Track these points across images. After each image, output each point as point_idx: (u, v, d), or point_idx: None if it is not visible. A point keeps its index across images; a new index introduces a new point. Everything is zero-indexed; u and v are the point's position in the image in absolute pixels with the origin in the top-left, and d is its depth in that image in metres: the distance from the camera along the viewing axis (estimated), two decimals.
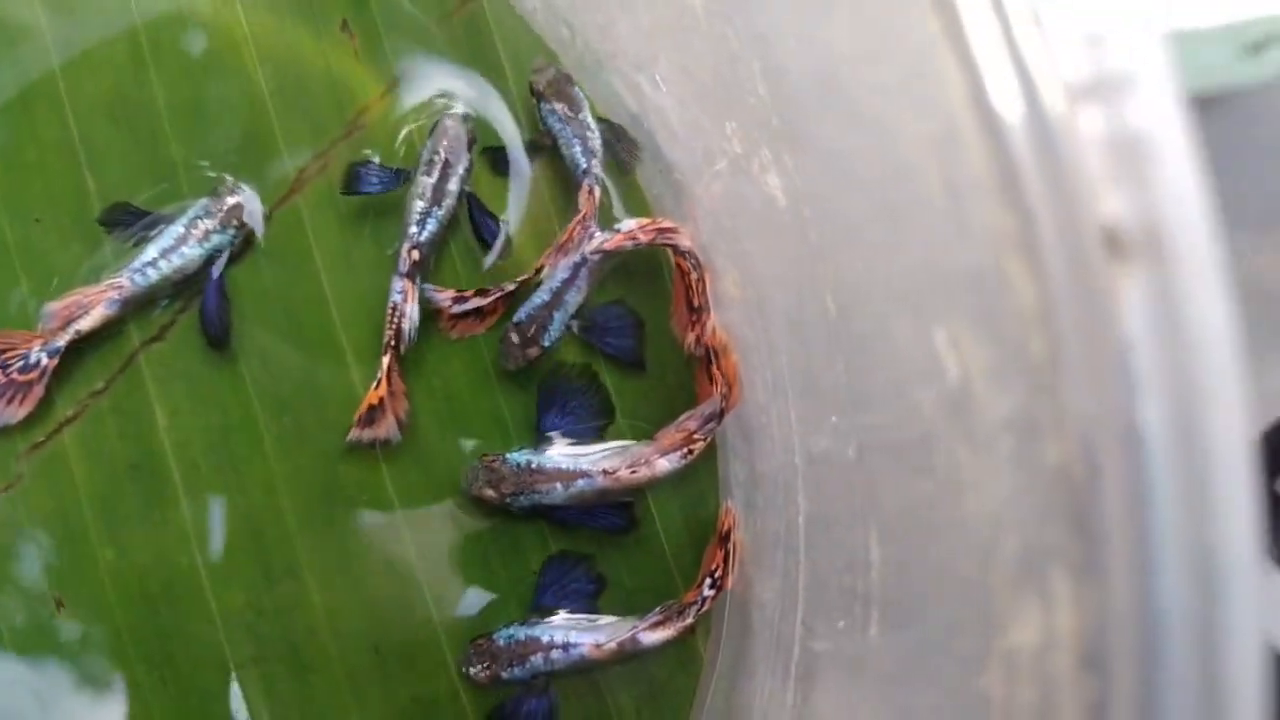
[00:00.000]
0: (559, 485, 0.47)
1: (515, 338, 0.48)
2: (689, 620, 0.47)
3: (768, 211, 0.39)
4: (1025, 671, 0.27)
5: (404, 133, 0.50)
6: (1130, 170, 0.23)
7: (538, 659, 0.46)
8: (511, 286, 0.48)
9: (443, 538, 0.49)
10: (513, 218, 0.50)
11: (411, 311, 0.48)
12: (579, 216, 0.47)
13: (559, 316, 0.49)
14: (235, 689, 0.48)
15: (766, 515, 0.49)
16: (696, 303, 0.48)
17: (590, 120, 0.49)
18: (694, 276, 0.48)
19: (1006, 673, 0.28)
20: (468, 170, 0.49)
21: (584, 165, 0.48)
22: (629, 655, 0.47)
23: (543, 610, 0.48)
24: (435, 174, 0.48)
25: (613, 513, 0.49)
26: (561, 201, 0.50)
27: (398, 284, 0.47)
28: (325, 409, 0.49)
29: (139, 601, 0.48)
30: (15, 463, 0.48)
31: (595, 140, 0.48)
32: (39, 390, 0.47)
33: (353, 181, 0.48)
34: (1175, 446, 0.23)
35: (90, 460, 0.48)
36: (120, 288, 0.47)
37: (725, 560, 0.48)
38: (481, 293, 0.47)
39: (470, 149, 0.49)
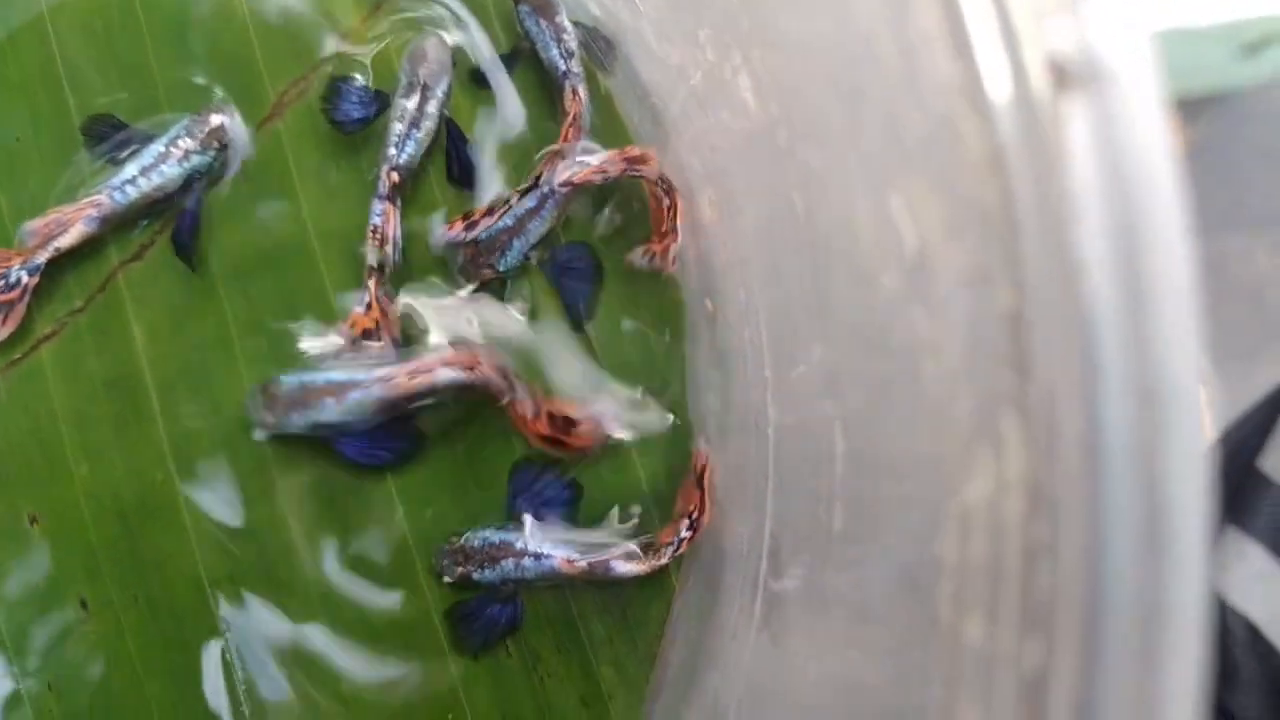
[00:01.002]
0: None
1: (467, 255, 0.49)
2: (664, 560, 0.47)
3: (739, 119, 0.39)
4: (978, 525, 0.27)
5: (383, 52, 0.50)
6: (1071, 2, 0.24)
7: (508, 564, 0.46)
8: (516, 196, 0.48)
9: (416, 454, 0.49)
10: (490, 142, 0.50)
11: (394, 234, 0.48)
12: (569, 118, 0.48)
13: (519, 244, 0.49)
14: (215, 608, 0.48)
15: (741, 442, 0.49)
16: (664, 228, 0.49)
17: (566, 24, 0.49)
18: (665, 203, 0.48)
19: (960, 532, 0.28)
20: (447, 93, 0.49)
21: (563, 67, 0.49)
22: (600, 579, 0.47)
23: (517, 518, 0.48)
24: (415, 97, 0.48)
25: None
26: (543, 122, 0.50)
27: (377, 207, 0.48)
28: (301, 332, 0.49)
29: (113, 519, 0.48)
30: None
31: (572, 41, 0.49)
32: (21, 309, 0.48)
33: (332, 97, 0.48)
34: (1116, 278, 0.24)
35: (67, 378, 0.48)
36: (99, 205, 0.47)
37: (701, 501, 0.48)
38: (489, 211, 0.48)
39: (449, 71, 0.49)
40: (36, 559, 0.48)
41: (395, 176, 0.48)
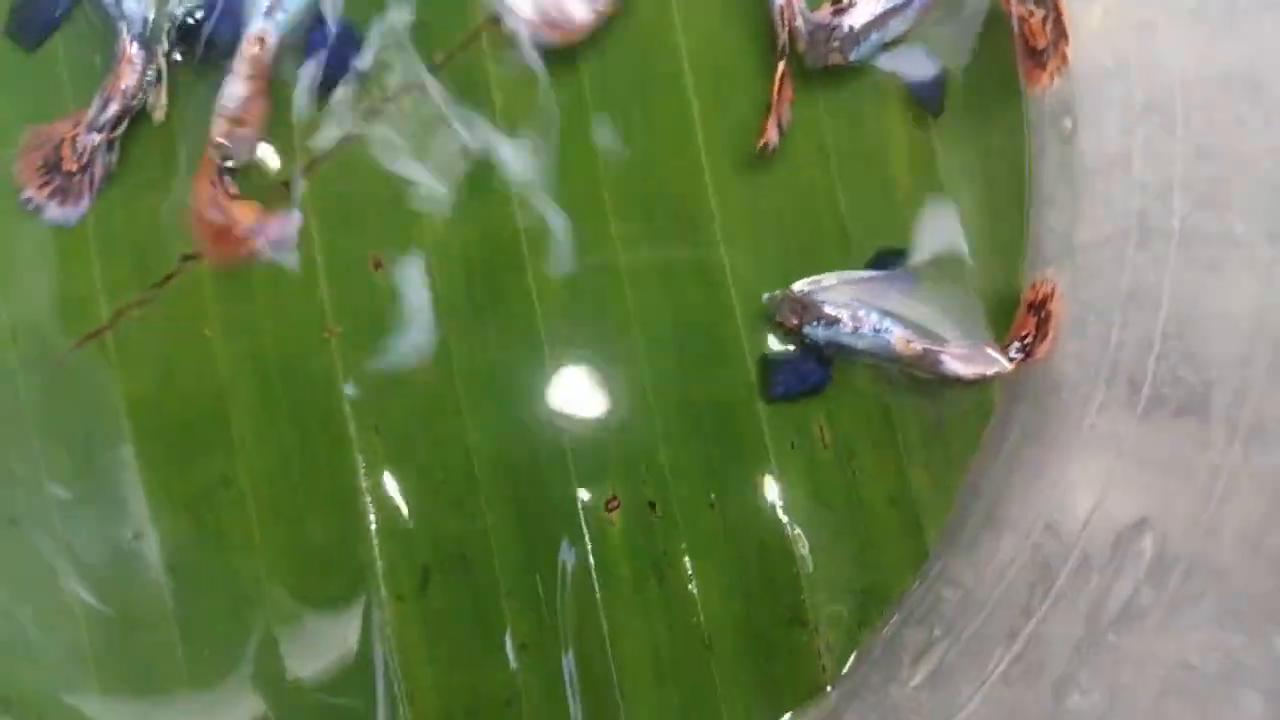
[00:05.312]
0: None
1: (823, 37, 0.48)
2: (989, 371, 0.48)
3: None
4: None
5: None
6: None
7: (845, 328, 0.47)
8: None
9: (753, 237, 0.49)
10: None
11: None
12: None
13: (876, 37, 0.48)
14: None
15: (1084, 281, 0.49)
16: (1042, 43, 0.48)
17: None
18: (1038, 15, 0.48)
19: None
20: None
21: None
22: (926, 371, 0.48)
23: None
24: None
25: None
26: None
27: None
28: None
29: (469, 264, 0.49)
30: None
31: None
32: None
33: None
34: None
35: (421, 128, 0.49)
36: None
37: (1037, 328, 0.48)
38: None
39: None
40: (376, 300, 0.49)
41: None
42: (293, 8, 0.47)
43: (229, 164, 0.47)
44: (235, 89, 0.46)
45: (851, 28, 0.48)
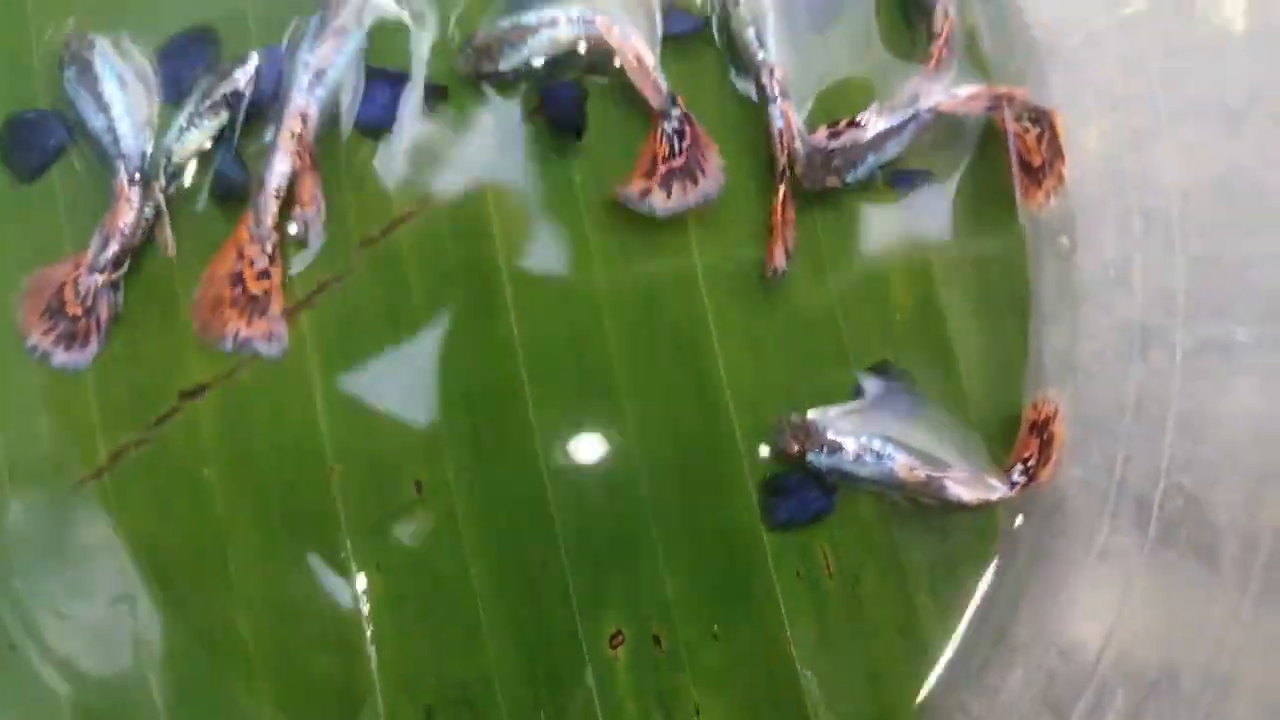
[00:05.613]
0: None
1: (820, 160, 0.48)
2: (992, 497, 0.47)
3: (1201, 42, 0.39)
4: None
5: None
6: None
7: (848, 455, 0.47)
8: (881, 113, 0.48)
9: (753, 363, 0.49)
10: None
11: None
12: (940, 40, 0.48)
13: (872, 159, 0.48)
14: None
15: (1086, 396, 0.49)
16: (1038, 161, 0.48)
17: None
18: (1033, 133, 0.48)
19: None
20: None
21: None
22: (930, 496, 0.47)
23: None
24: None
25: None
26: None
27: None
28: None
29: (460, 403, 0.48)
30: (350, 254, 0.49)
31: None
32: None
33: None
34: None
35: (421, 262, 0.49)
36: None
37: (1040, 451, 0.48)
38: (853, 123, 0.48)
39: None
40: (375, 439, 0.48)
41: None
42: (332, 82, 0.47)
43: (266, 241, 0.47)
44: (282, 166, 0.46)
45: (848, 151, 0.48)
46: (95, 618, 0.47)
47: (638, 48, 0.47)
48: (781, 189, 0.48)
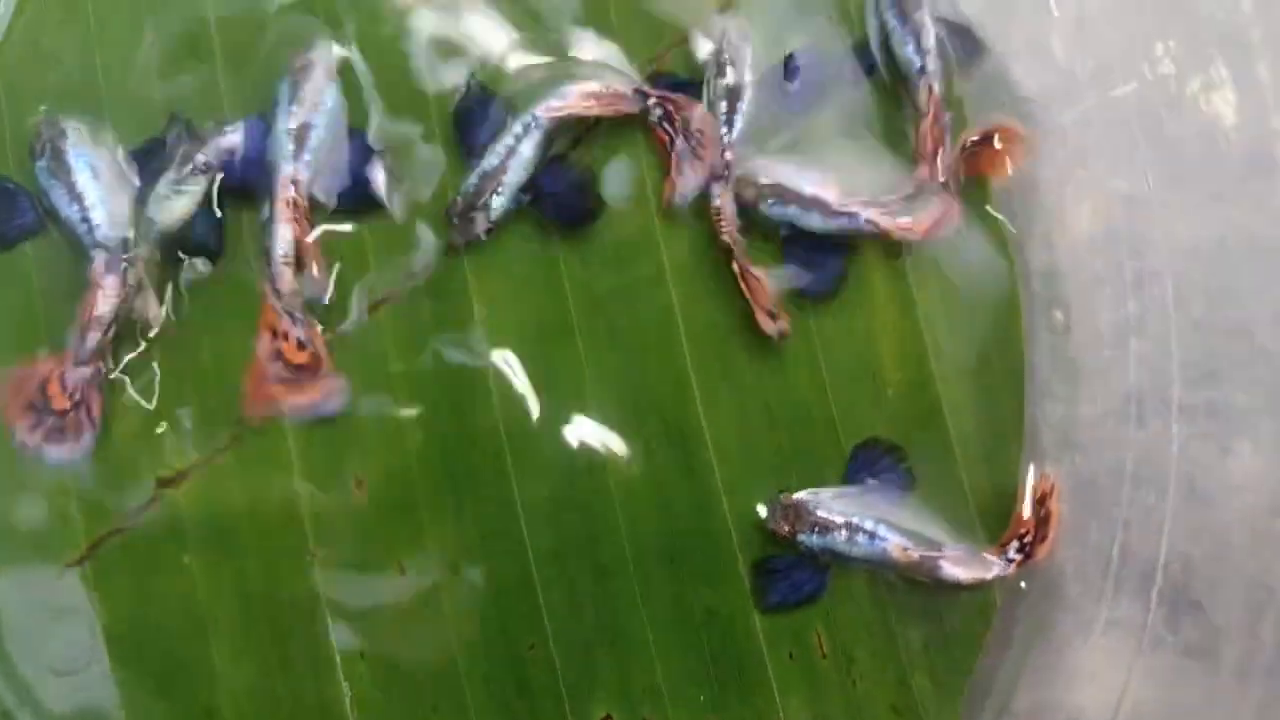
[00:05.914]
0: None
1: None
2: (987, 575, 0.46)
3: (1192, 140, 0.38)
4: None
5: None
6: None
7: (840, 535, 0.46)
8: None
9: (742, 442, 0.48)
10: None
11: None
12: (927, 117, 0.46)
13: (795, 212, 0.47)
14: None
15: (1084, 467, 0.48)
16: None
17: (927, 19, 0.47)
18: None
19: None
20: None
21: (918, 64, 0.47)
22: (924, 577, 0.47)
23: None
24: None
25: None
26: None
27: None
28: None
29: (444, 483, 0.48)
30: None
31: (930, 39, 0.47)
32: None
33: None
34: None
35: (398, 345, 0.48)
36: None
37: (1035, 529, 0.47)
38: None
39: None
40: (359, 522, 0.48)
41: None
42: (315, 144, 0.46)
43: (293, 311, 0.46)
44: (286, 233, 0.45)
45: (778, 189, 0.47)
46: (85, 699, 0.47)
47: (582, 89, 0.46)
48: (734, 266, 0.47)
